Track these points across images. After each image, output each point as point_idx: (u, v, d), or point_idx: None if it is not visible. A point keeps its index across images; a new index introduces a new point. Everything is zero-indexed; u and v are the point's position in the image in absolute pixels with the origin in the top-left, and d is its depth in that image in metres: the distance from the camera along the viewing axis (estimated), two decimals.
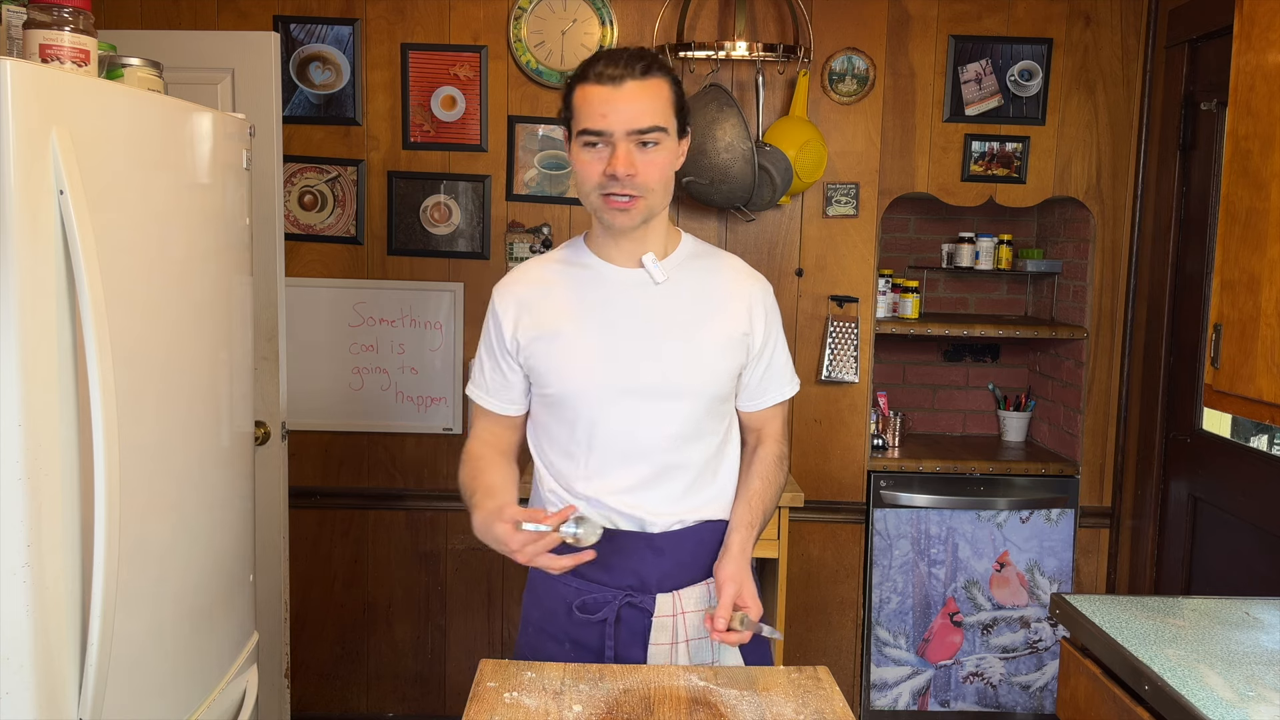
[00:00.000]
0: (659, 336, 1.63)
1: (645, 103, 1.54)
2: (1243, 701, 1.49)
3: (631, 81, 1.53)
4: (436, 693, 3.37)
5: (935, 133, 3.22)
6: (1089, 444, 3.32)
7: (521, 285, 1.70)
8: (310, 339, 3.23)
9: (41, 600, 1.37)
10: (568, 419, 1.66)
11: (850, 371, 3.25)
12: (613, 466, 1.64)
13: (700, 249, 1.74)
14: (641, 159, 1.55)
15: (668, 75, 1.59)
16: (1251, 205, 1.87)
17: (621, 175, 1.53)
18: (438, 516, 3.31)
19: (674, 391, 1.63)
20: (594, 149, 1.56)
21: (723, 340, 1.66)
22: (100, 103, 1.51)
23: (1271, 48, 1.83)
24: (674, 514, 1.66)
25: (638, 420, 1.63)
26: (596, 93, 1.54)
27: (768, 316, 1.72)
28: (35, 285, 1.34)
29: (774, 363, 1.74)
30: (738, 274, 1.73)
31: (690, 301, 1.66)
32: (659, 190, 1.59)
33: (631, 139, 1.54)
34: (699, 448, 1.67)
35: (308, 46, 3.15)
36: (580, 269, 1.68)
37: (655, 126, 1.55)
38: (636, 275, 1.66)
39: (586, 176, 1.57)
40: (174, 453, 1.77)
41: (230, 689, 2.06)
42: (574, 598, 1.67)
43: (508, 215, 3.21)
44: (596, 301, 1.65)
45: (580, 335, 1.64)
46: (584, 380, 1.63)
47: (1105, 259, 3.27)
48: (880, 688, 3.30)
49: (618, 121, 1.53)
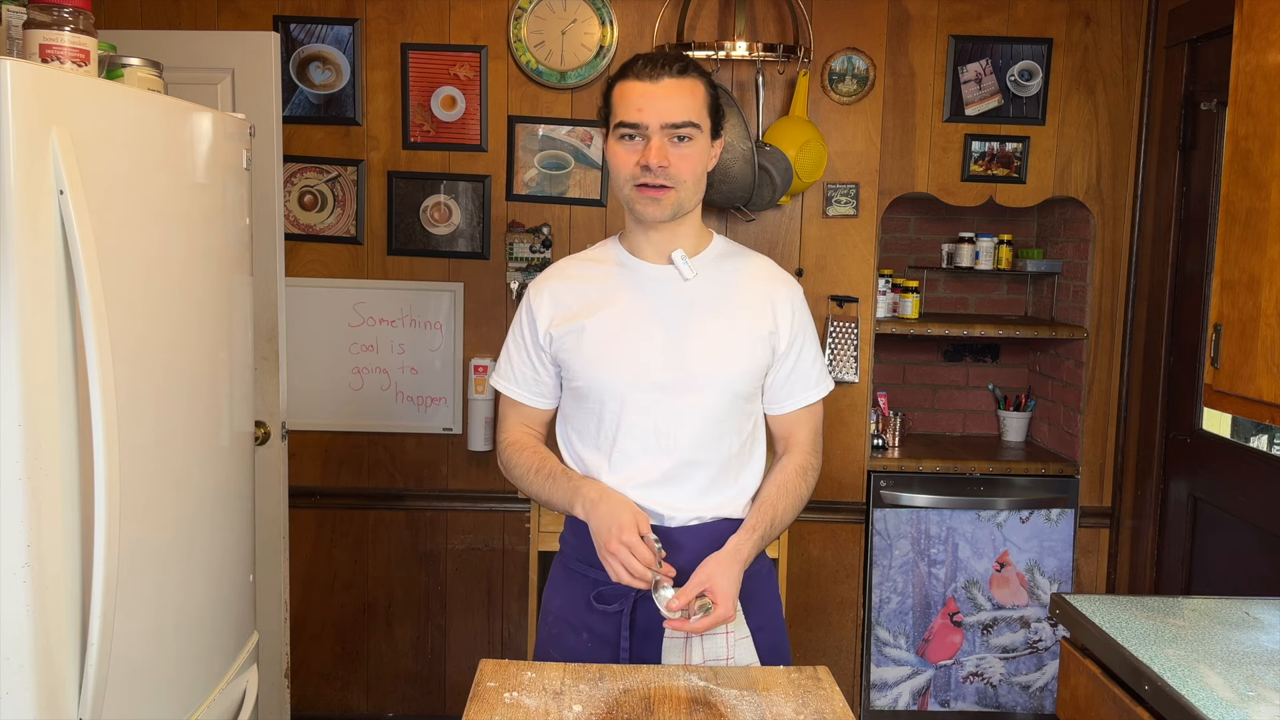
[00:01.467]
0: (686, 332, 1.67)
1: (681, 99, 1.60)
2: (1243, 701, 1.49)
3: (669, 79, 1.60)
4: (436, 693, 3.37)
5: (935, 133, 3.22)
6: (1089, 444, 3.32)
7: (556, 280, 1.75)
8: (310, 339, 3.23)
9: (41, 600, 1.37)
10: (594, 411, 1.69)
11: (850, 371, 3.25)
12: (636, 460, 1.67)
13: (731, 249, 1.77)
14: (674, 152, 1.61)
15: (704, 77, 1.65)
16: (1251, 205, 1.87)
17: (654, 166, 1.59)
18: (438, 516, 3.31)
19: (698, 386, 1.66)
20: (630, 141, 1.62)
21: (748, 337, 1.69)
22: (100, 103, 1.51)
23: (1271, 48, 1.83)
24: (693, 510, 1.69)
25: (662, 414, 1.66)
26: (634, 87, 1.60)
27: (795, 317, 1.73)
28: (35, 285, 1.34)
29: (800, 364, 1.75)
30: (766, 274, 1.76)
31: (717, 299, 1.69)
32: (690, 185, 1.64)
33: (666, 133, 1.60)
34: (722, 446, 1.69)
35: (308, 46, 3.15)
36: (613, 265, 1.73)
37: (689, 121, 1.61)
38: (666, 271, 1.70)
39: (620, 167, 1.63)
40: (174, 453, 1.77)
41: (230, 689, 2.05)
42: (591, 589, 1.70)
43: (508, 215, 3.21)
44: (626, 296, 1.69)
45: (608, 329, 1.68)
46: (611, 373, 1.67)
47: (1105, 259, 3.27)
48: (880, 688, 3.30)
49: (653, 114, 1.59)
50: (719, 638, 1.67)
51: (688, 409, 1.66)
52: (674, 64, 1.61)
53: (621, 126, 1.61)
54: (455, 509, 3.29)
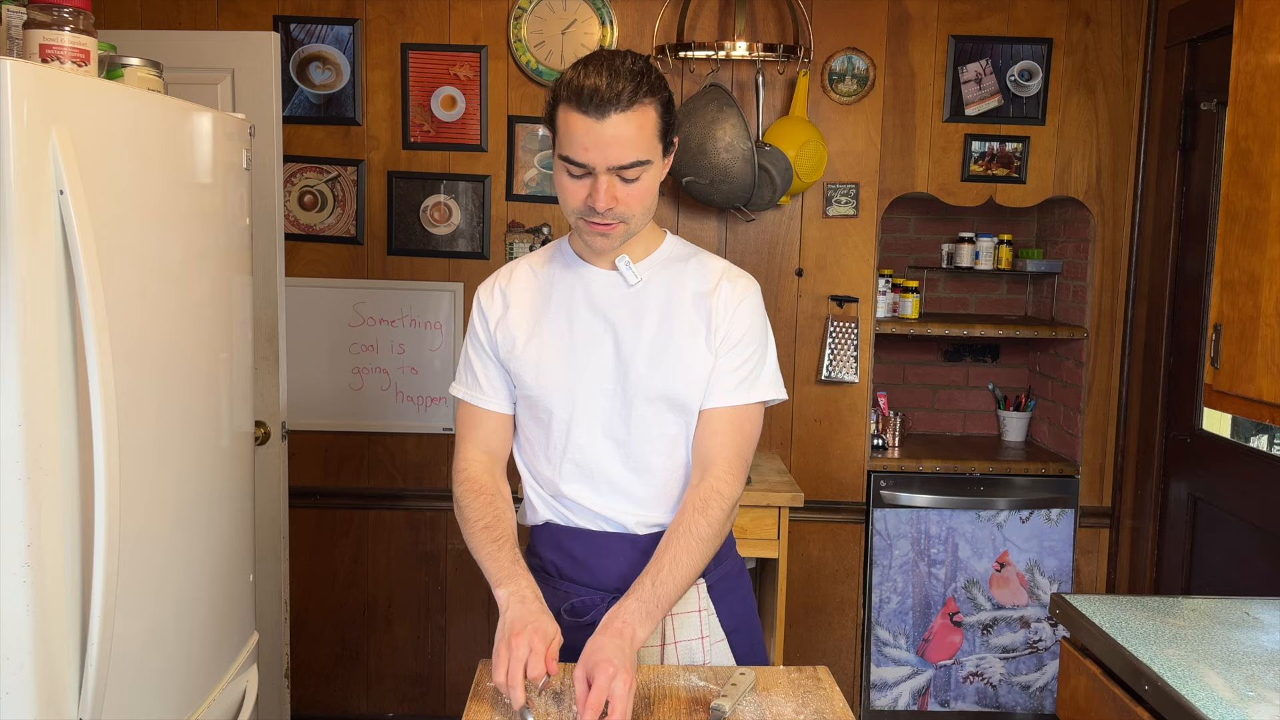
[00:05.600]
0: (630, 337, 1.62)
1: (628, 137, 1.49)
2: (1243, 701, 1.49)
3: (616, 114, 1.47)
4: (436, 693, 3.37)
5: (935, 133, 3.22)
6: (1089, 444, 3.32)
7: (503, 281, 1.71)
8: (310, 339, 3.23)
9: (41, 600, 1.37)
10: (543, 420, 1.65)
11: (850, 371, 3.25)
12: (588, 470, 1.64)
13: (682, 251, 1.70)
14: (623, 191, 1.53)
15: (655, 96, 1.52)
16: (1251, 205, 1.87)
17: (602, 210, 1.52)
18: (438, 516, 3.31)
19: (647, 394, 1.61)
20: (574, 177, 1.53)
21: (693, 341, 1.62)
22: (100, 103, 1.51)
23: (1271, 48, 1.83)
24: (654, 515, 1.65)
25: (611, 423, 1.62)
26: (580, 123, 1.48)
27: (737, 311, 1.62)
28: (35, 285, 1.34)
29: (729, 360, 1.62)
30: (711, 274, 1.66)
31: (662, 303, 1.63)
32: (641, 214, 1.58)
33: (613, 173, 1.51)
34: (676, 453, 1.65)
35: (308, 46, 3.15)
36: (560, 268, 1.68)
37: (637, 161, 1.51)
38: (613, 276, 1.65)
39: (568, 199, 1.55)
40: (174, 453, 1.77)
41: (230, 689, 2.05)
42: (562, 602, 1.66)
43: (508, 215, 3.21)
44: (572, 301, 1.65)
45: (554, 334, 1.64)
46: (556, 379, 1.63)
47: (1105, 259, 3.27)
48: (880, 688, 3.30)
49: (600, 157, 1.49)
50: (694, 644, 1.65)
51: (638, 416, 1.62)
52: (622, 93, 1.46)
53: (567, 160, 1.51)
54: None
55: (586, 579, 1.66)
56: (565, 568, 1.68)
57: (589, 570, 1.65)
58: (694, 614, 1.66)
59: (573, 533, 1.67)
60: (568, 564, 1.68)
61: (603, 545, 1.65)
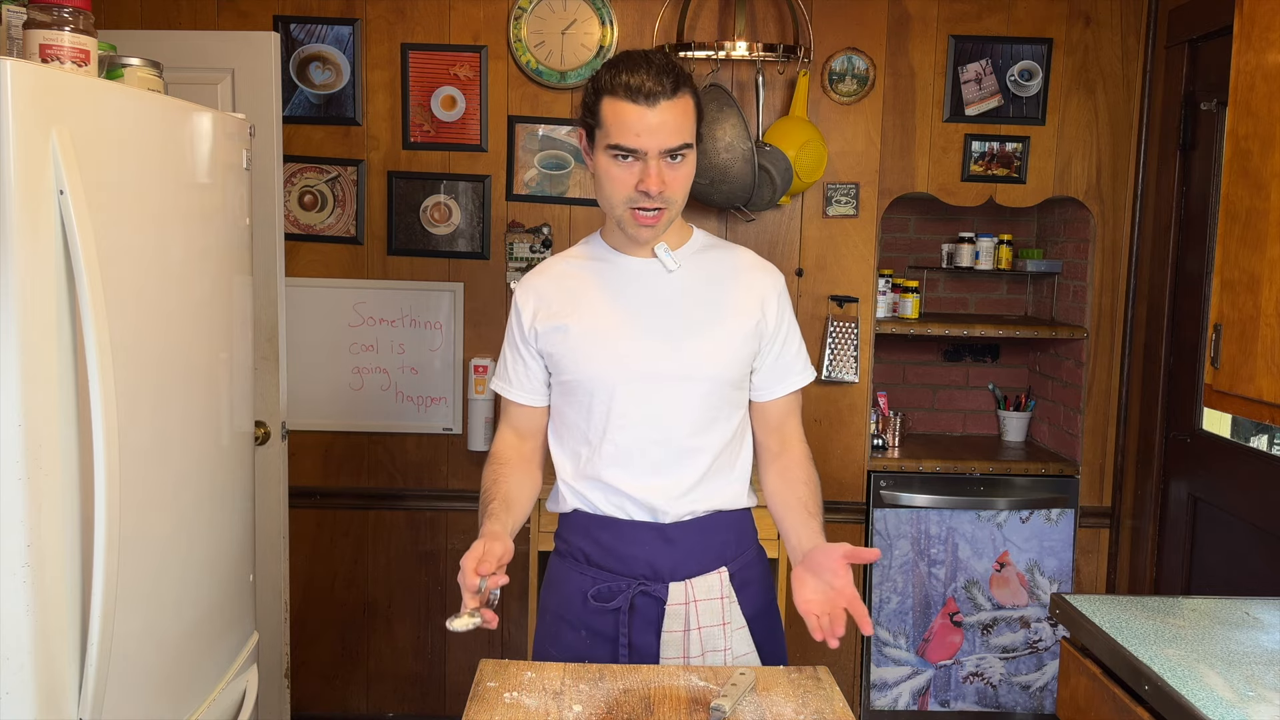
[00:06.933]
0: (672, 322, 1.68)
1: (675, 123, 1.59)
2: (1243, 701, 1.49)
3: (665, 101, 1.57)
4: (436, 693, 3.37)
5: (935, 133, 3.22)
6: (1089, 444, 3.32)
7: (540, 278, 1.77)
8: (310, 339, 3.22)
9: (41, 600, 1.37)
10: (583, 404, 1.70)
11: (850, 371, 3.25)
12: (627, 452, 1.68)
13: (712, 242, 1.79)
14: (670, 174, 1.61)
15: (690, 87, 1.63)
16: (1251, 205, 1.87)
17: (655, 193, 1.59)
18: (438, 516, 3.31)
19: (687, 375, 1.67)
20: (624, 162, 1.60)
21: (734, 325, 1.70)
22: (100, 103, 1.51)
23: (1271, 48, 1.83)
24: (687, 503, 1.69)
25: (652, 405, 1.67)
26: (630, 111, 1.57)
27: (780, 303, 1.76)
28: (35, 285, 1.34)
29: (786, 350, 1.76)
30: (748, 263, 1.77)
31: (702, 288, 1.71)
32: (680, 201, 1.66)
33: (663, 156, 1.59)
34: (713, 436, 1.70)
35: (308, 46, 3.15)
36: (596, 261, 1.74)
37: (685, 144, 1.61)
38: (651, 264, 1.71)
39: (617, 188, 1.62)
40: (174, 453, 1.77)
41: (230, 689, 2.05)
42: (589, 586, 1.71)
43: (508, 215, 3.21)
44: (611, 289, 1.71)
45: (595, 321, 1.69)
46: (599, 365, 1.68)
47: (1105, 259, 3.27)
48: (880, 688, 3.30)
49: (652, 142, 1.58)
50: (716, 629, 1.68)
51: (678, 399, 1.67)
52: (667, 80, 1.57)
53: (617, 149, 1.59)
54: (455, 509, 3.29)
55: (614, 565, 1.71)
56: (593, 554, 1.72)
57: (616, 557, 1.70)
58: (716, 600, 1.70)
59: (600, 521, 1.72)
60: (595, 551, 1.72)
61: (628, 533, 1.70)
